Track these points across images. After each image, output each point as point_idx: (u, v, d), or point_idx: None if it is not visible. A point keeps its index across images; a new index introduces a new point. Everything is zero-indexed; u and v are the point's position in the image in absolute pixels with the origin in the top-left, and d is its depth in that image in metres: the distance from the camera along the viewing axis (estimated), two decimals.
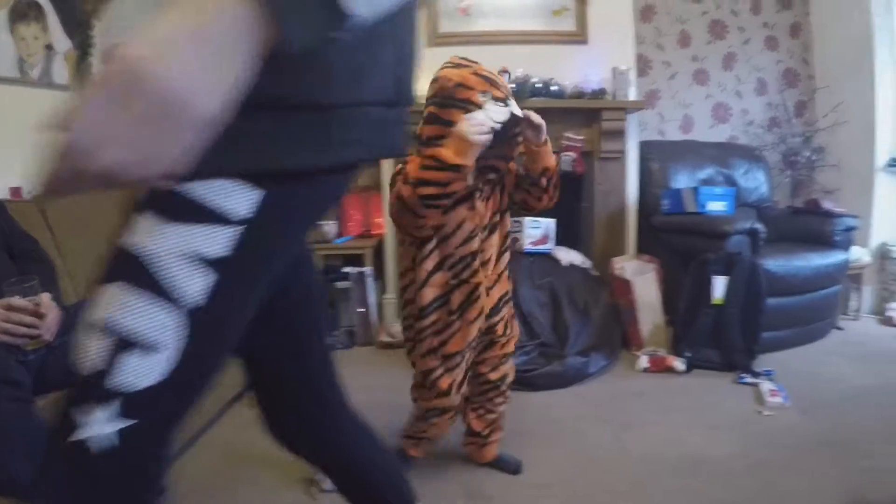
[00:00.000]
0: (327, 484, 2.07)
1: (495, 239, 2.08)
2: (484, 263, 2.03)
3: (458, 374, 2.07)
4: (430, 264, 1.98)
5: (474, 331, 2.02)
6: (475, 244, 1.98)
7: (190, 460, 2.33)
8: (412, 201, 1.81)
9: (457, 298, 1.99)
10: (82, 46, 3.20)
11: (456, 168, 1.75)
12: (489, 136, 1.75)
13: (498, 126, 1.76)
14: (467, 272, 1.98)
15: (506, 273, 2.15)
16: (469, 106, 1.81)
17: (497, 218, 2.08)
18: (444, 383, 2.06)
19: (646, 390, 3.07)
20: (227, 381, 2.66)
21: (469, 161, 1.76)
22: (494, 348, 2.16)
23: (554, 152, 2.04)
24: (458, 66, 1.90)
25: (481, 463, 2.32)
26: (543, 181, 2.00)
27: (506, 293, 2.15)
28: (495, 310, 2.10)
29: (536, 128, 1.91)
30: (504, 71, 3.72)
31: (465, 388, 2.15)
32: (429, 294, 1.99)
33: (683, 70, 4.80)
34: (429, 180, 1.78)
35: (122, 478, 0.80)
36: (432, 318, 2.02)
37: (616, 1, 4.06)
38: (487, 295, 2.05)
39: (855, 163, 4.48)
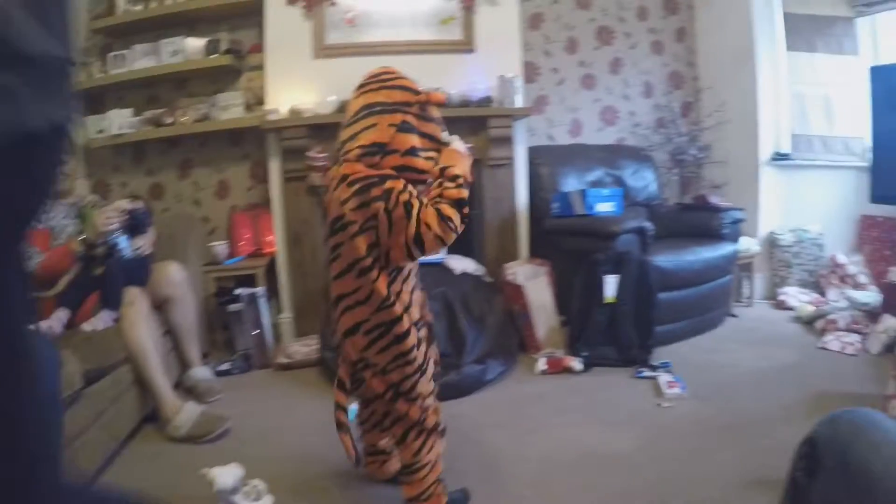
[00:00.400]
0: None
1: None
2: None
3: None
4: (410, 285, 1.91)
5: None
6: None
7: None
8: (456, 224, 1.75)
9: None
10: None
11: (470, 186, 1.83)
12: None
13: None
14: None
15: None
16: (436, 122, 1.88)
17: None
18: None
19: (545, 392, 3.06)
20: (121, 417, 2.54)
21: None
22: None
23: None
24: (399, 75, 1.88)
25: (383, 480, 2.24)
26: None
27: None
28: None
29: None
30: None
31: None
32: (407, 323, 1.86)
33: (571, 75, 4.88)
34: (465, 199, 1.78)
35: None
36: (421, 349, 1.91)
37: (503, 9, 4.10)
38: None
39: (740, 158, 4.66)
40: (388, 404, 1.89)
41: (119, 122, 4.16)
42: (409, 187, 1.75)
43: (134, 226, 3.02)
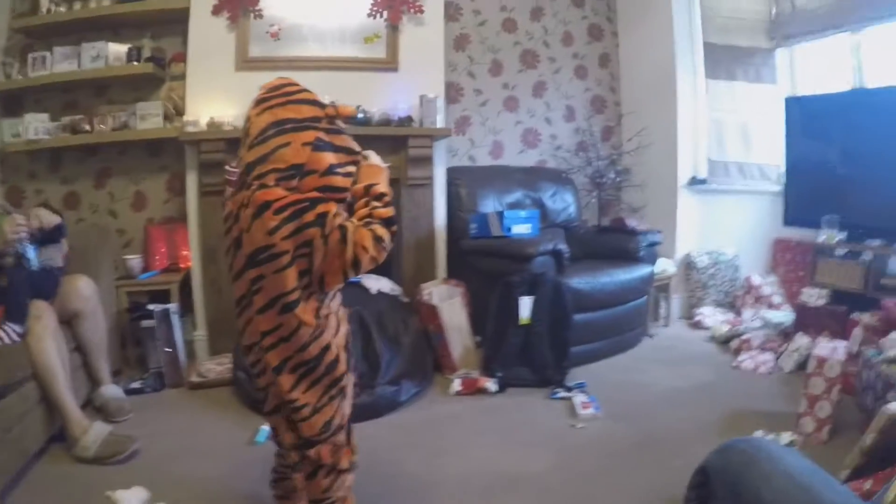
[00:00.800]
0: None
1: None
2: None
3: None
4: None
5: None
6: None
7: None
8: (388, 244, 1.71)
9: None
10: None
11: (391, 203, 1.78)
12: None
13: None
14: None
15: None
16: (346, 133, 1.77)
17: None
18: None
19: (460, 413, 3.06)
20: (28, 436, 2.44)
21: None
22: None
23: None
24: (301, 88, 1.76)
25: None
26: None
27: None
28: None
29: None
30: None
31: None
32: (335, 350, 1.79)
33: (494, 97, 4.94)
34: (394, 218, 1.74)
35: None
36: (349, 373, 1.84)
37: (428, 30, 4.12)
38: None
39: (659, 182, 4.78)
40: (299, 448, 1.80)
41: (35, 126, 4.01)
42: (339, 209, 1.68)
43: (46, 236, 2.91)
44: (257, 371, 1.81)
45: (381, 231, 1.69)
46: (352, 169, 1.77)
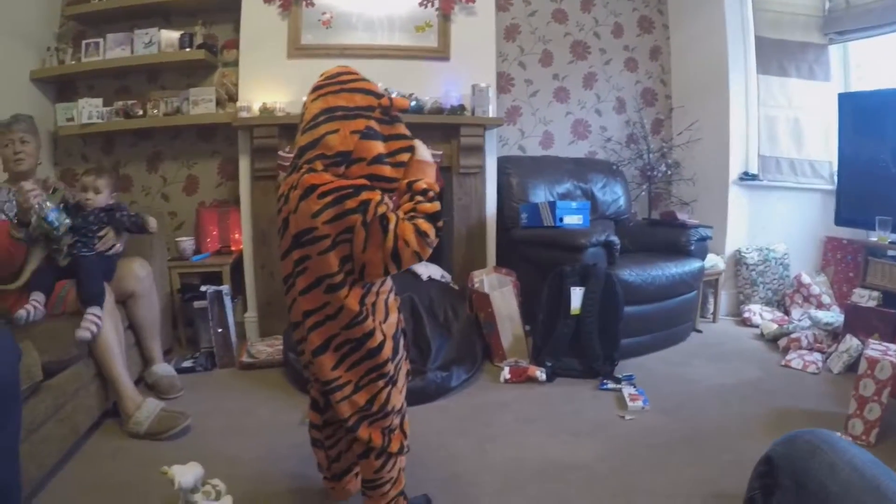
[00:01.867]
0: None
1: None
2: None
3: None
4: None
5: None
6: None
7: (45, 499, 2.14)
8: (432, 240, 1.70)
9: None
10: None
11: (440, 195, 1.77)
12: None
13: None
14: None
15: None
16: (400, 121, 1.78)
17: None
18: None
19: (508, 401, 3.05)
20: (80, 411, 2.49)
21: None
22: None
23: None
24: (358, 77, 1.78)
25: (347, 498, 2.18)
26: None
27: None
28: None
29: None
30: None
31: None
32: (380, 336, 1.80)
33: (545, 88, 4.91)
34: (439, 213, 1.74)
35: None
36: (395, 360, 1.84)
37: (479, 19, 4.12)
38: None
39: (709, 176, 4.71)
40: (350, 430, 1.81)
41: (89, 110, 4.09)
42: (386, 199, 1.69)
43: (118, 222, 2.98)
44: (302, 348, 1.84)
45: (426, 226, 1.68)
46: (405, 158, 1.76)
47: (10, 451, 1.74)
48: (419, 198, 1.72)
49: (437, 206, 1.73)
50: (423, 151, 1.79)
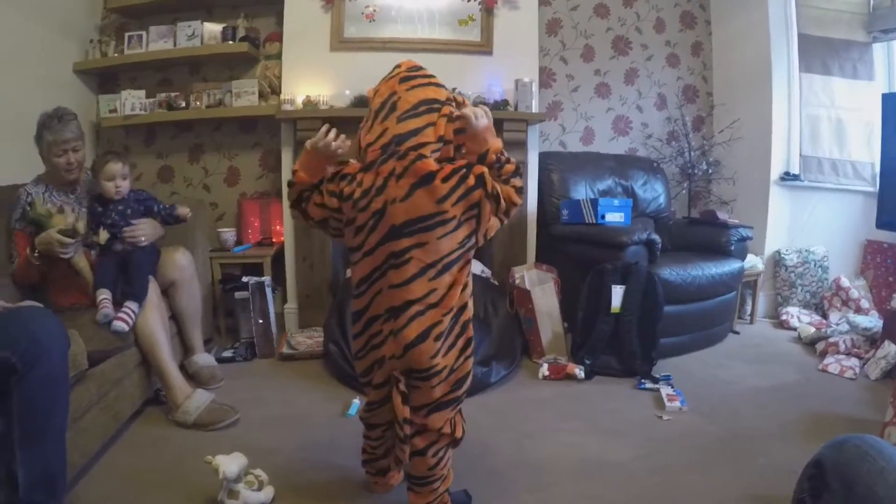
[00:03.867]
0: None
1: None
2: None
3: None
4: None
5: None
6: None
7: (86, 486, 2.17)
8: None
9: None
10: None
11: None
12: None
13: None
14: None
15: None
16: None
17: None
18: None
19: (547, 398, 3.06)
20: (123, 399, 2.54)
21: None
22: None
23: None
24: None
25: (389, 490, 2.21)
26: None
27: None
28: None
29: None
30: None
31: None
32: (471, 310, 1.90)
33: (586, 83, 4.88)
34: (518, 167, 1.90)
35: None
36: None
37: (522, 14, 4.11)
38: None
39: (750, 176, 4.66)
40: (424, 417, 1.84)
41: (132, 102, 4.16)
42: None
43: (156, 216, 3.01)
44: (377, 343, 1.84)
45: (518, 182, 1.86)
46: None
47: (59, 437, 1.79)
48: (496, 164, 1.82)
49: (513, 162, 1.87)
50: (476, 121, 1.80)
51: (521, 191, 1.85)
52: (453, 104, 1.81)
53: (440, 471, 1.90)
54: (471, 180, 1.73)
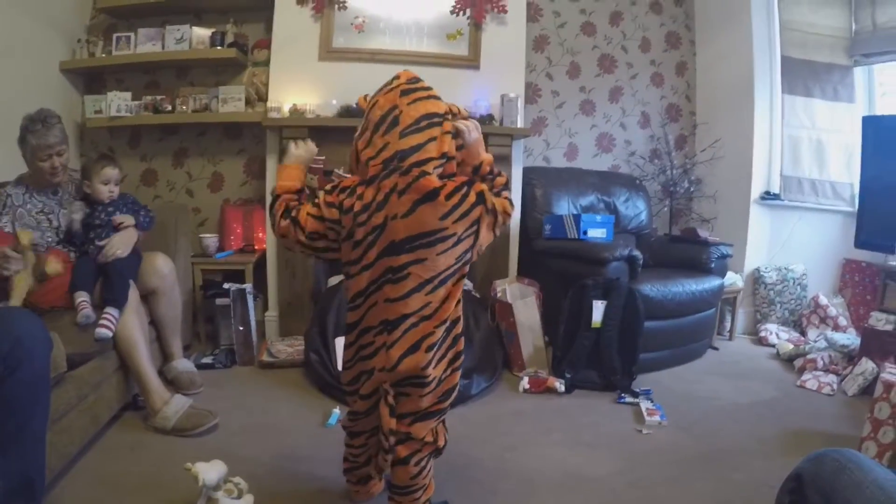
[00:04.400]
0: None
1: None
2: None
3: None
4: None
5: None
6: None
7: (63, 491, 2.15)
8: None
9: None
10: None
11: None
12: None
13: None
14: None
15: None
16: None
17: None
18: None
19: (527, 411, 3.06)
20: (101, 403, 2.52)
21: None
22: None
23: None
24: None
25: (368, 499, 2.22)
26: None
27: None
28: None
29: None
30: None
31: None
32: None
33: (571, 100, 4.93)
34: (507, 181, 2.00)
35: None
36: None
37: (510, 29, 4.14)
38: None
39: (731, 194, 4.72)
40: (408, 425, 1.85)
41: (118, 104, 4.13)
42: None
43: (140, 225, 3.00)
44: (366, 355, 1.85)
45: (508, 194, 1.94)
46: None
47: (38, 439, 1.77)
48: (489, 177, 1.90)
49: (504, 175, 1.96)
50: (469, 135, 1.86)
51: (512, 203, 1.89)
52: (450, 117, 1.81)
53: (422, 480, 1.90)
54: (472, 197, 1.76)
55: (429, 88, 1.83)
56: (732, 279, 4.30)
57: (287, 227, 1.86)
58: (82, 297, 2.61)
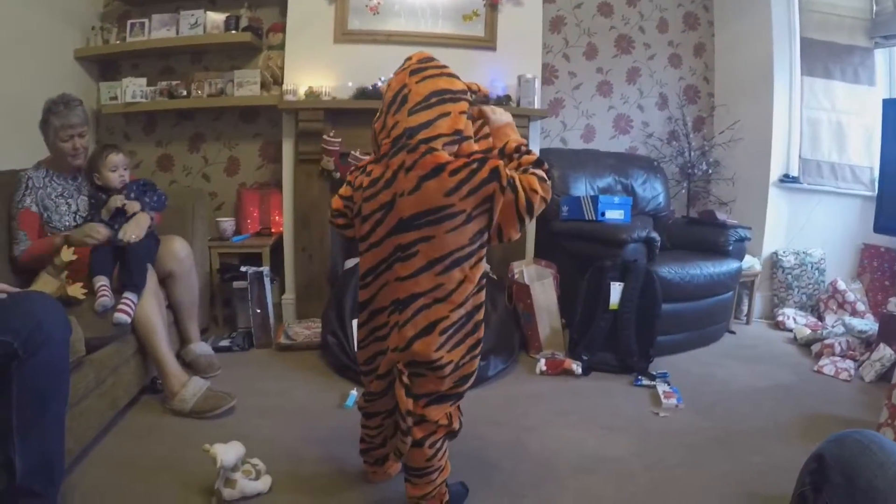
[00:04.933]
0: (227, 493, 1.98)
1: None
2: None
3: None
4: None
5: None
6: None
7: (82, 473, 2.18)
8: (548, 182, 1.84)
9: None
10: None
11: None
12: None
13: None
14: None
15: None
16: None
17: None
18: None
19: (544, 393, 3.07)
20: (119, 387, 2.54)
21: None
22: None
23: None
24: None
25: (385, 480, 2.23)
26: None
27: None
28: None
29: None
30: None
31: None
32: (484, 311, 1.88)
33: (588, 81, 4.89)
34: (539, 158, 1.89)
35: None
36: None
37: (526, 10, 4.12)
38: None
39: (749, 177, 4.67)
40: (423, 407, 1.83)
41: (133, 90, 4.14)
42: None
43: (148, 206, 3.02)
44: (381, 335, 1.85)
45: (541, 172, 1.82)
46: (487, 131, 1.94)
47: (58, 422, 1.79)
48: (515, 155, 1.85)
49: (535, 153, 1.88)
50: (495, 116, 1.89)
51: (544, 180, 1.79)
52: (468, 94, 1.80)
53: (437, 462, 1.90)
54: (483, 173, 1.69)
55: (442, 66, 1.83)
56: (750, 262, 4.27)
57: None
58: (102, 282, 2.63)
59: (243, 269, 3.66)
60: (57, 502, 1.79)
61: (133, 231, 2.84)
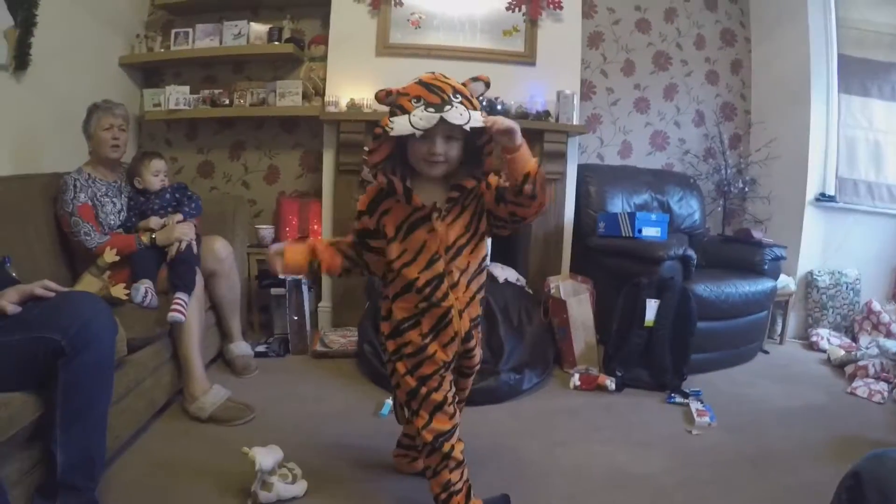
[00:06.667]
0: (263, 496, 2.01)
1: (461, 262, 1.86)
2: (453, 286, 1.85)
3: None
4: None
5: (450, 353, 1.90)
6: (440, 267, 1.83)
7: (119, 471, 2.23)
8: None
9: (427, 322, 1.87)
10: (25, 24, 3.09)
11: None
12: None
13: (419, 130, 1.65)
14: (437, 294, 1.84)
15: (478, 296, 1.96)
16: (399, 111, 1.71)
17: (463, 241, 1.85)
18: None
19: (578, 408, 3.08)
20: (157, 388, 2.60)
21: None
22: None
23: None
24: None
25: (411, 473, 2.28)
26: (528, 188, 1.72)
27: (477, 316, 1.98)
28: (468, 334, 1.94)
29: (507, 133, 1.68)
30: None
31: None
32: (398, 314, 1.89)
33: (626, 97, 4.90)
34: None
35: None
36: (405, 338, 1.89)
37: (565, 26, 4.15)
38: (461, 318, 1.88)
39: (785, 195, 4.65)
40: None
41: (176, 97, 4.23)
42: None
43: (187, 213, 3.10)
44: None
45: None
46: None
47: (101, 419, 1.85)
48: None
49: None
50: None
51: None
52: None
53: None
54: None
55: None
56: (785, 282, 4.25)
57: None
58: (146, 285, 2.71)
59: (281, 276, 3.70)
60: (95, 498, 1.83)
61: (184, 235, 2.95)
